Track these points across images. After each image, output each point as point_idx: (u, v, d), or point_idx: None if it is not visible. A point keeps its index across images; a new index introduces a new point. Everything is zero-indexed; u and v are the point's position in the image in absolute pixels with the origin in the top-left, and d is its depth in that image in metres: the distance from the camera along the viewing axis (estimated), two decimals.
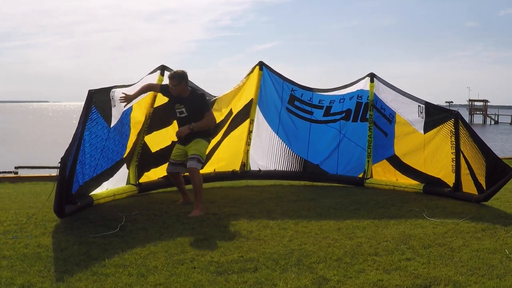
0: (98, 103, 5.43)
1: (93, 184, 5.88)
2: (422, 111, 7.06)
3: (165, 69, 6.50)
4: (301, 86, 7.80)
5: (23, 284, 3.45)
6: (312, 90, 7.83)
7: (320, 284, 3.55)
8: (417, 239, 4.65)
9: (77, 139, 5.13)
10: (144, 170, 6.81)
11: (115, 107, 5.84)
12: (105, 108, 5.62)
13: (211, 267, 3.84)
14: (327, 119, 7.84)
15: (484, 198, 6.26)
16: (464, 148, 6.51)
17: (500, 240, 4.66)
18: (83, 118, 5.21)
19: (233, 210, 5.85)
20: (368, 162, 7.63)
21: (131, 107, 6.21)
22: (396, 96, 7.38)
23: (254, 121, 7.75)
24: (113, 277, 3.61)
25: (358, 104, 7.64)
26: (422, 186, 7.10)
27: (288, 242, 4.56)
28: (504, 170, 6.04)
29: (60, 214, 5.07)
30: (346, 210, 5.99)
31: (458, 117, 6.59)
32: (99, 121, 5.51)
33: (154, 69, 6.53)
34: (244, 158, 7.80)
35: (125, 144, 6.30)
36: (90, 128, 5.36)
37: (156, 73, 6.50)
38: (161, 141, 6.87)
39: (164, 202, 6.22)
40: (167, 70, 6.51)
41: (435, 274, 3.74)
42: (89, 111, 5.28)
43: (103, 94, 5.62)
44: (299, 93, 7.80)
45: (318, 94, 7.82)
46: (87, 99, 5.25)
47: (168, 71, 6.52)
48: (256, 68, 7.52)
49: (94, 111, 5.38)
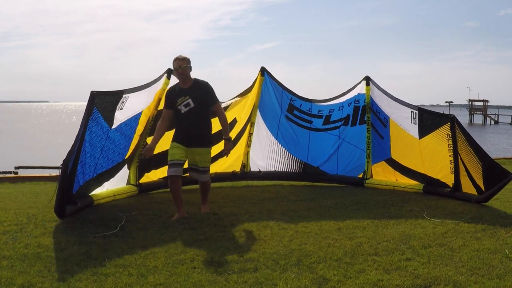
0: (99, 104, 5.43)
1: (93, 184, 5.88)
2: (415, 116, 7.05)
3: (172, 72, 6.49)
4: (299, 97, 7.83)
5: (23, 284, 3.44)
6: (311, 101, 7.86)
7: (320, 284, 3.55)
8: (417, 239, 4.65)
9: (79, 141, 5.13)
10: (144, 171, 6.82)
11: (121, 110, 5.84)
12: (106, 108, 5.61)
13: (211, 267, 3.84)
14: (327, 127, 7.87)
15: (484, 199, 6.25)
16: (461, 151, 6.52)
17: (500, 240, 4.66)
18: (85, 119, 5.21)
19: (233, 210, 5.85)
20: (368, 162, 7.63)
21: (141, 112, 6.23)
22: (389, 101, 7.38)
23: (255, 124, 7.78)
24: (113, 277, 3.61)
25: (356, 108, 7.65)
26: (422, 186, 7.10)
27: (288, 242, 4.56)
28: (503, 173, 6.04)
29: (60, 215, 5.07)
30: (346, 210, 5.99)
31: (454, 120, 6.58)
32: (99, 121, 5.52)
33: (162, 74, 6.47)
34: (244, 159, 7.82)
35: (128, 146, 6.30)
36: (91, 128, 5.37)
37: (163, 77, 6.46)
38: (163, 143, 6.87)
39: (164, 202, 6.22)
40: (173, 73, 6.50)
41: (435, 274, 3.74)
42: (91, 112, 5.29)
43: (109, 96, 5.64)
44: (298, 103, 7.83)
45: (317, 105, 7.86)
46: (89, 100, 5.25)
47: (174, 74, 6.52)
48: (258, 74, 7.60)
49: (95, 111, 5.38)
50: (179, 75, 5.50)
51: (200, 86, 5.53)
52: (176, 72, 5.49)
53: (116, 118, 5.82)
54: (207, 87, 5.56)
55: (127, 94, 5.83)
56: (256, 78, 7.61)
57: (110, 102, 5.66)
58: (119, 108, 5.79)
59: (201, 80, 5.60)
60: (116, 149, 6.05)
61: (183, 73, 5.46)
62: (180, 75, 5.49)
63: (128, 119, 6.04)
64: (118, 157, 6.16)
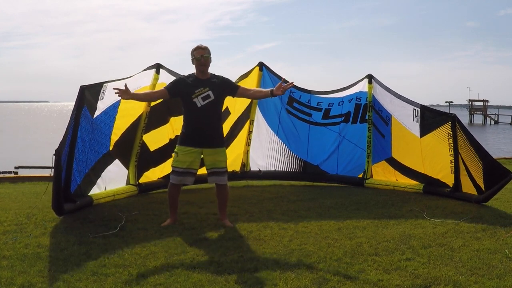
0: (87, 97, 5.43)
1: (88, 181, 5.85)
2: (417, 114, 7.04)
3: (161, 67, 6.48)
4: (299, 88, 7.79)
5: (23, 284, 3.44)
6: (310, 92, 7.81)
7: (320, 284, 3.55)
8: (417, 239, 4.65)
9: (71, 132, 5.12)
10: (143, 170, 6.81)
11: (102, 100, 5.79)
12: (91, 101, 5.60)
13: (211, 267, 3.84)
14: (327, 122, 7.83)
15: (483, 199, 6.25)
16: (461, 150, 6.51)
17: (500, 240, 4.66)
18: (75, 113, 5.19)
19: (233, 210, 5.84)
20: (368, 162, 7.63)
21: (119, 100, 6.06)
22: (392, 98, 7.36)
23: (254, 122, 7.75)
24: (113, 277, 3.61)
25: (357, 106, 7.63)
26: (422, 186, 7.10)
27: (288, 242, 4.56)
28: (503, 173, 6.04)
29: (58, 211, 5.06)
30: (346, 210, 5.99)
31: (455, 119, 6.58)
32: (86, 115, 5.51)
33: (149, 67, 6.45)
34: (244, 158, 7.80)
35: (109, 136, 6.22)
36: (81, 123, 5.37)
37: (151, 70, 6.44)
38: (159, 139, 6.88)
39: (164, 202, 6.20)
40: (162, 68, 6.49)
41: (435, 274, 3.74)
42: (82, 106, 5.28)
43: (93, 88, 5.61)
44: (297, 95, 7.78)
45: (316, 96, 7.81)
46: (79, 94, 5.23)
47: (164, 69, 6.49)
48: (256, 69, 7.50)
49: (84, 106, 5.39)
50: (200, 65, 5.02)
51: (218, 78, 5.12)
52: (198, 62, 5.01)
53: (98, 108, 5.78)
54: (225, 78, 5.19)
55: (107, 83, 5.76)
56: (252, 69, 7.47)
57: (94, 93, 5.64)
58: (100, 98, 5.76)
59: (220, 75, 5.21)
60: (99, 139, 5.99)
61: (206, 63, 5.03)
62: (201, 65, 5.02)
63: (107, 107, 5.98)
64: (102, 148, 6.09)
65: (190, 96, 4.98)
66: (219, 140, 5.14)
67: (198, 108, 4.98)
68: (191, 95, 4.98)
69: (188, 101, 5.01)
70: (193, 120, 5.04)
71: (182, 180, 5.08)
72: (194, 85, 5.01)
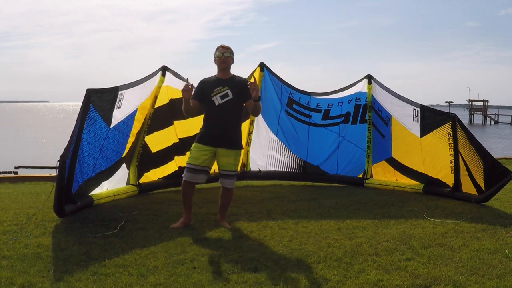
0: (96, 102, 5.41)
1: (92, 184, 5.87)
2: (417, 114, 7.04)
3: (167, 70, 6.49)
4: (298, 90, 7.80)
5: (23, 284, 3.44)
6: (310, 94, 7.82)
7: (320, 284, 3.55)
8: (417, 239, 4.65)
9: (75, 138, 5.12)
10: (144, 171, 6.81)
11: (119, 109, 5.80)
12: (104, 107, 5.58)
13: (211, 267, 3.84)
14: (326, 122, 7.83)
15: (483, 199, 6.26)
16: (462, 150, 6.51)
17: (500, 240, 4.66)
18: (81, 116, 5.19)
19: (233, 210, 5.84)
20: (368, 162, 7.63)
21: (136, 109, 6.19)
22: (392, 99, 7.36)
23: (254, 122, 7.76)
24: (113, 277, 3.61)
25: (357, 106, 7.63)
26: (422, 186, 7.10)
27: (288, 242, 4.56)
28: (503, 172, 6.04)
29: (59, 213, 5.06)
30: (346, 210, 5.99)
31: (456, 119, 6.58)
32: (97, 120, 5.49)
33: (156, 71, 6.46)
34: (244, 158, 7.80)
35: (125, 144, 6.30)
36: (88, 126, 5.35)
37: (157, 74, 6.45)
38: (162, 141, 6.88)
39: (164, 202, 6.22)
40: (168, 71, 6.50)
41: (435, 274, 3.74)
42: (87, 110, 5.27)
43: (106, 94, 5.58)
44: (296, 97, 7.79)
45: (316, 98, 7.83)
46: (85, 98, 5.23)
47: (170, 72, 6.51)
48: (257, 69, 7.52)
49: (92, 109, 5.36)
50: (220, 63, 5.02)
51: (239, 79, 5.11)
52: (218, 59, 5.01)
53: (114, 117, 5.78)
54: (246, 81, 5.14)
55: (123, 91, 5.75)
56: (254, 71, 7.50)
57: (108, 100, 5.60)
58: (117, 106, 5.75)
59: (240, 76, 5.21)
60: (114, 148, 6.03)
61: (226, 61, 5.01)
62: (222, 63, 5.01)
63: (125, 117, 6.01)
64: (116, 155, 6.15)
65: (209, 94, 5.01)
66: (235, 141, 5.09)
67: (216, 106, 4.98)
68: (210, 93, 5.00)
69: (208, 99, 5.01)
70: (210, 118, 5.04)
71: (193, 177, 5.01)
72: (214, 84, 5.03)
